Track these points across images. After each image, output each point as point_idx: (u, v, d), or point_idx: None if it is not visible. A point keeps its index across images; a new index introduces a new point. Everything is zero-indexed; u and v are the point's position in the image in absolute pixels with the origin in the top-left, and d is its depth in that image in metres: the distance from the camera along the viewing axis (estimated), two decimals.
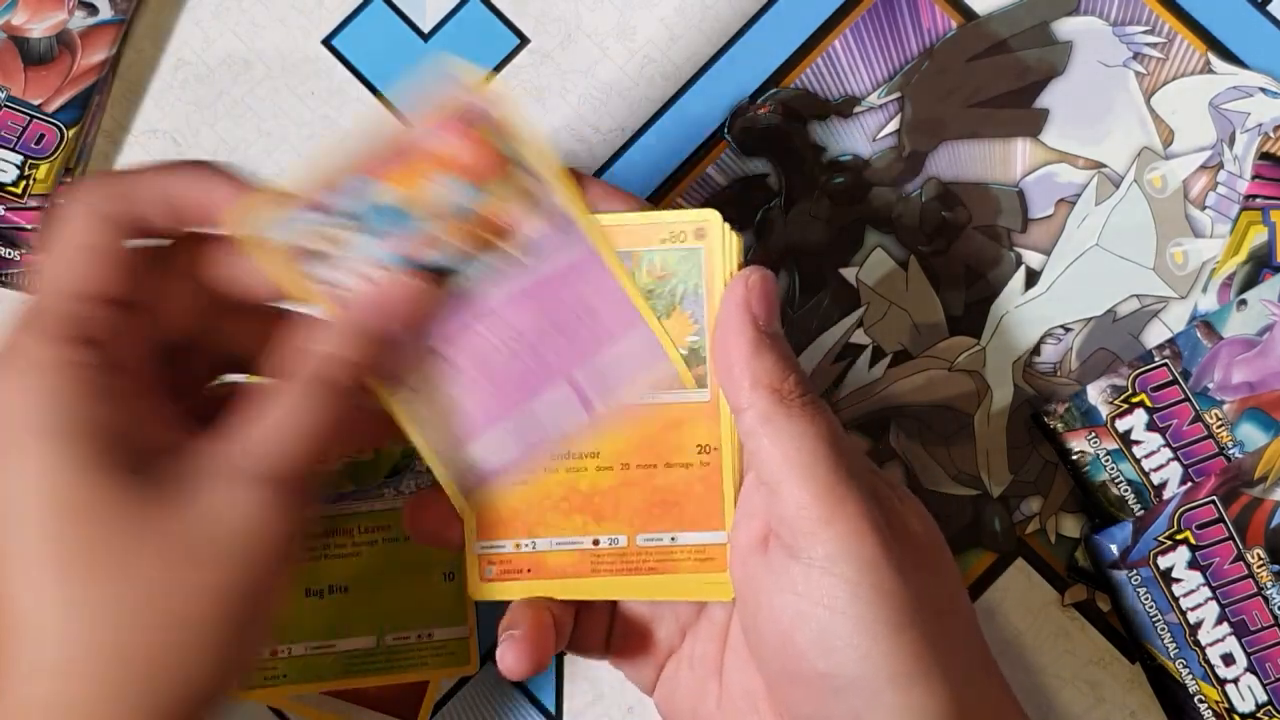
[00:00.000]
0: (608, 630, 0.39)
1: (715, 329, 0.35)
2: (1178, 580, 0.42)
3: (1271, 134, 0.46)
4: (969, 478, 0.45)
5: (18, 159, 0.45)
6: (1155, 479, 0.43)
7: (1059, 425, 0.44)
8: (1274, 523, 0.42)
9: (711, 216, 0.35)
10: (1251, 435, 0.43)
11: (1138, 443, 0.43)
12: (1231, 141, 0.46)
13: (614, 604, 0.39)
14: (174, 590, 0.30)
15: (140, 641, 0.30)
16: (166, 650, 0.30)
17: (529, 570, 0.37)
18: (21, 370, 0.31)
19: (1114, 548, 0.43)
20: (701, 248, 0.36)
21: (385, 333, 0.34)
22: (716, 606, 0.38)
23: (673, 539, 0.37)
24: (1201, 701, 0.42)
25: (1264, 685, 0.42)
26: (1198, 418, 0.43)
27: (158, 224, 0.34)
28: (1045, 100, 0.47)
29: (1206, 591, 0.42)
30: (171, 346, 0.35)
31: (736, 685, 0.37)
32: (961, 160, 0.47)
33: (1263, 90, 0.46)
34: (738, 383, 0.34)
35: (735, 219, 0.46)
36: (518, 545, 0.37)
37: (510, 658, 0.35)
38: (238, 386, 0.36)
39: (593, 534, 0.37)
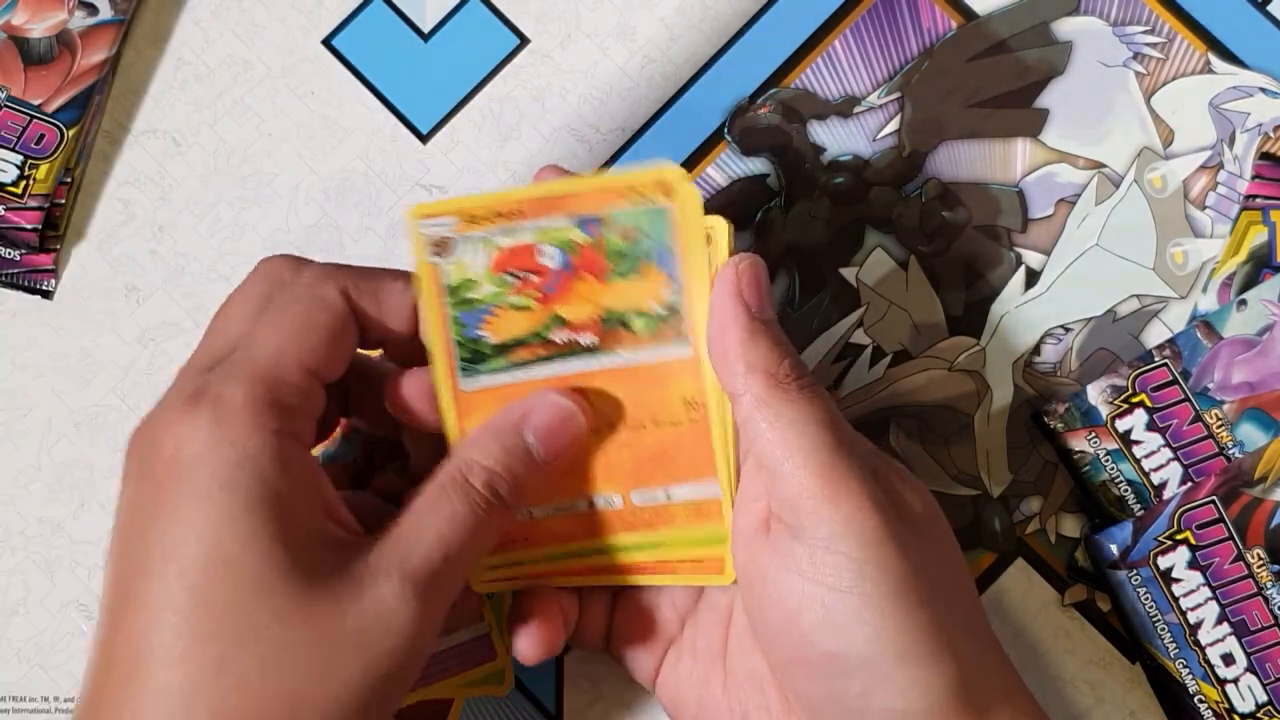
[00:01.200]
0: (607, 622, 0.39)
1: (708, 317, 0.35)
2: (1178, 580, 0.42)
3: (1271, 134, 0.46)
4: (969, 478, 0.45)
5: (18, 159, 0.45)
6: (1155, 479, 0.43)
7: (1059, 425, 0.44)
8: (1274, 523, 0.42)
9: (673, 173, 0.35)
10: (1251, 435, 0.43)
11: (1138, 443, 0.43)
12: (1231, 141, 0.46)
13: (614, 596, 0.39)
14: (314, 677, 0.30)
15: (267, 716, 0.30)
16: None
17: (526, 538, 0.37)
18: (225, 418, 0.31)
19: (1114, 548, 0.43)
20: (670, 206, 0.35)
21: (545, 458, 0.35)
22: (718, 593, 0.38)
23: (667, 494, 0.37)
24: (1201, 701, 0.42)
25: (1264, 685, 0.42)
26: (1198, 418, 0.43)
27: (395, 330, 0.36)
28: (1045, 100, 0.47)
29: (1206, 591, 0.42)
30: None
31: (741, 669, 0.37)
32: (961, 160, 0.47)
33: (1263, 90, 0.46)
34: (733, 369, 0.34)
35: (735, 219, 0.47)
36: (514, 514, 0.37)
37: (524, 643, 0.36)
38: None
39: (587, 496, 0.37)
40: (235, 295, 0.35)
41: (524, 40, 0.48)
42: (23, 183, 0.45)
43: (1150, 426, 0.43)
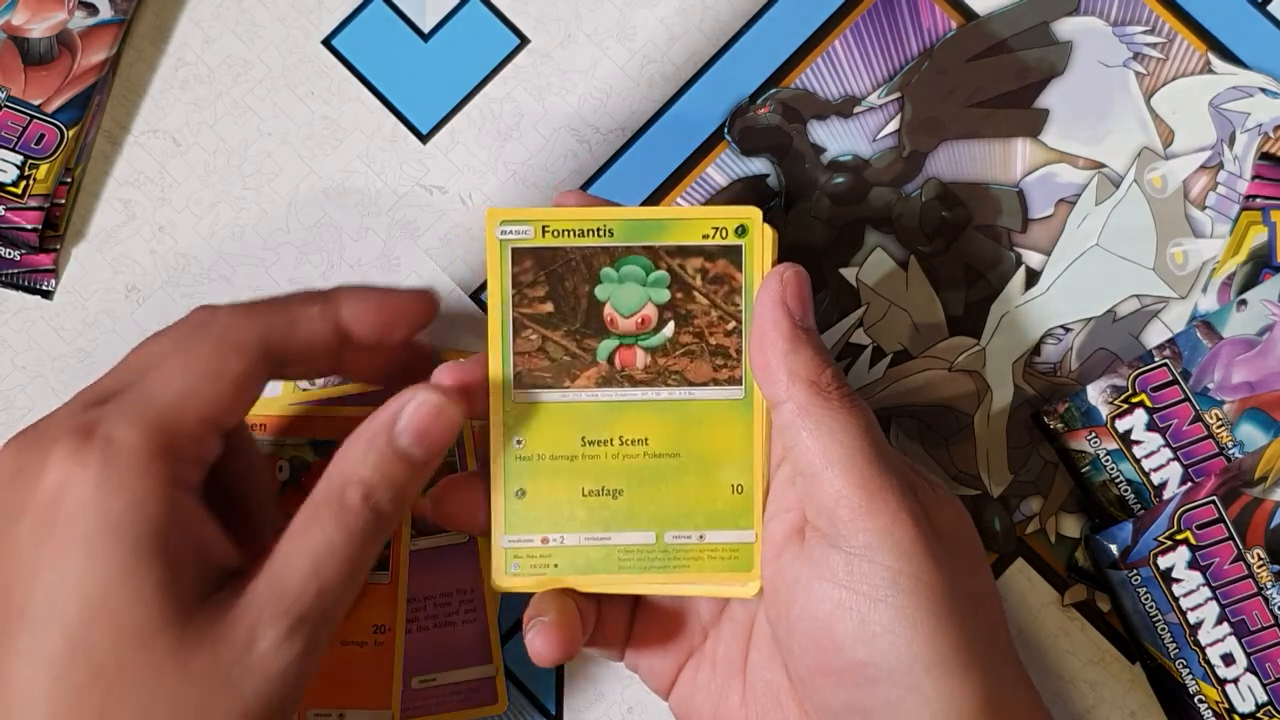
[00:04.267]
0: (628, 628, 0.39)
1: (752, 325, 0.35)
2: (1178, 580, 0.42)
3: (1271, 134, 0.46)
4: (969, 478, 0.45)
5: (18, 159, 0.45)
6: (1155, 479, 0.43)
7: (1059, 425, 0.44)
8: (1274, 523, 0.42)
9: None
10: (1251, 435, 0.43)
11: (1138, 443, 0.43)
12: (1231, 141, 0.46)
13: (636, 601, 0.39)
14: None
15: None
16: None
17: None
18: (112, 463, 0.31)
19: (1114, 548, 0.43)
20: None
21: (424, 458, 0.34)
22: (739, 605, 0.38)
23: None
24: (1201, 701, 0.42)
25: (1264, 685, 0.42)
26: (1198, 418, 0.43)
27: (324, 351, 0.36)
28: (1045, 100, 0.47)
29: (1206, 591, 0.42)
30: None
31: (760, 681, 0.37)
32: (961, 160, 0.47)
33: (1263, 90, 0.46)
34: (775, 376, 0.34)
35: None
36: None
37: (540, 643, 0.35)
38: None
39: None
40: (158, 333, 0.35)
41: (524, 40, 0.48)
42: (23, 183, 0.45)
43: (1150, 426, 0.43)
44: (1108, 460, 0.43)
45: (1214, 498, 0.42)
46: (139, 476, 0.31)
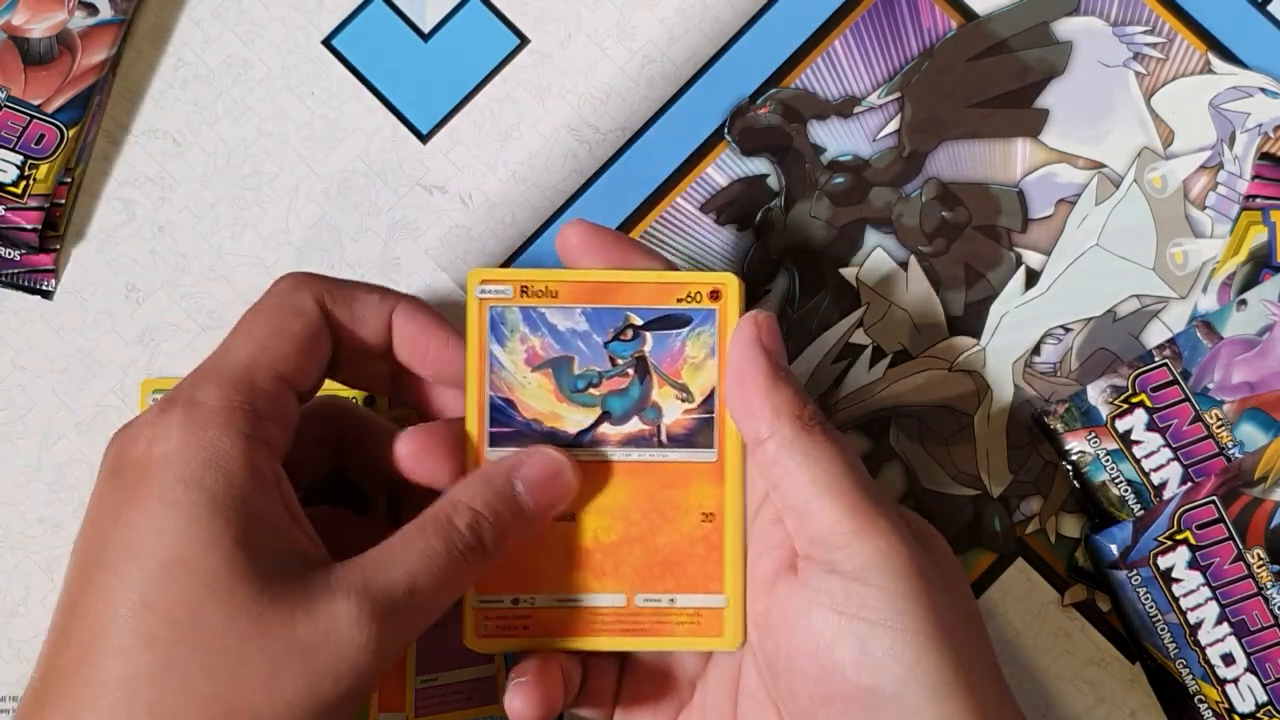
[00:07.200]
0: (616, 687, 0.38)
1: (728, 370, 0.36)
2: (1178, 580, 0.42)
3: (1271, 134, 0.46)
4: (969, 478, 0.45)
5: (18, 159, 0.45)
6: (1155, 479, 0.43)
7: (1059, 425, 0.44)
8: (1274, 523, 0.42)
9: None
10: (1251, 435, 0.43)
11: (1138, 443, 0.43)
12: (1231, 141, 0.46)
13: (623, 660, 0.39)
14: (255, 688, 0.30)
15: None
16: None
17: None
18: (197, 420, 0.31)
19: (1114, 548, 0.43)
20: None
21: (534, 510, 0.35)
22: (724, 656, 0.38)
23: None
24: (1201, 701, 0.42)
25: (1264, 685, 0.42)
26: (1198, 418, 0.43)
27: (367, 341, 0.36)
28: (1045, 100, 0.47)
29: (1206, 591, 0.42)
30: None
31: None
32: (961, 160, 0.47)
33: (1263, 90, 0.46)
34: (759, 414, 0.35)
35: (736, 219, 0.47)
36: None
37: (518, 703, 0.35)
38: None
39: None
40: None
41: (524, 40, 0.48)
42: (23, 183, 0.45)
43: (1150, 426, 0.43)
44: (1108, 460, 0.43)
45: (1214, 498, 0.42)
46: (219, 432, 0.31)
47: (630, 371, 0.37)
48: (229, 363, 0.33)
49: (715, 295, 0.36)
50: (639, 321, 0.37)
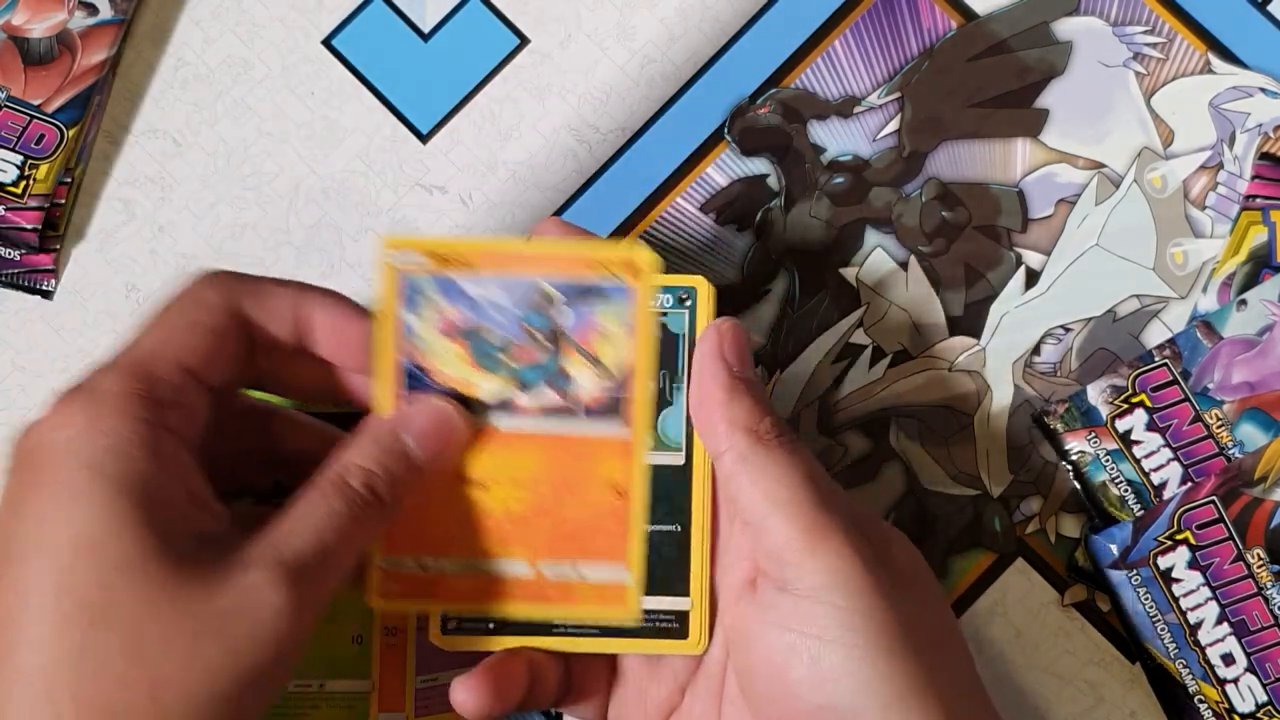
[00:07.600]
0: (607, 691, 0.38)
1: (692, 377, 0.35)
2: (1178, 580, 0.42)
3: (1271, 134, 0.46)
4: (969, 478, 0.45)
5: (18, 159, 0.45)
6: (1155, 479, 0.43)
7: (1059, 425, 0.44)
8: (1274, 523, 0.42)
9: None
10: (1251, 435, 0.43)
11: (1138, 443, 0.43)
12: (1231, 141, 0.46)
13: (613, 663, 0.38)
14: (179, 663, 0.30)
15: (133, 705, 0.29)
16: (157, 718, 0.30)
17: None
18: (97, 407, 0.31)
19: (1114, 548, 0.43)
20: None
21: (425, 459, 0.35)
22: (712, 661, 0.37)
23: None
24: (1201, 701, 0.42)
25: (1264, 685, 0.42)
26: (1198, 418, 0.43)
27: (277, 336, 0.35)
28: (1045, 100, 0.47)
29: (1206, 591, 0.42)
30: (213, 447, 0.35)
31: None
32: (961, 160, 0.47)
33: (1263, 90, 0.46)
34: (714, 427, 0.34)
35: (735, 219, 0.47)
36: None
37: (460, 691, 0.35)
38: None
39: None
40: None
41: (524, 40, 0.48)
42: (23, 183, 0.45)
43: (1150, 426, 0.43)
44: (1108, 460, 0.43)
45: (1214, 498, 0.42)
46: (118, 417, 0.31)
47: (544, 341, 0.36)
48: (131, 354, 0.33)
49: (633, 273, 0.36)
50: (554, 292, 0.36)
